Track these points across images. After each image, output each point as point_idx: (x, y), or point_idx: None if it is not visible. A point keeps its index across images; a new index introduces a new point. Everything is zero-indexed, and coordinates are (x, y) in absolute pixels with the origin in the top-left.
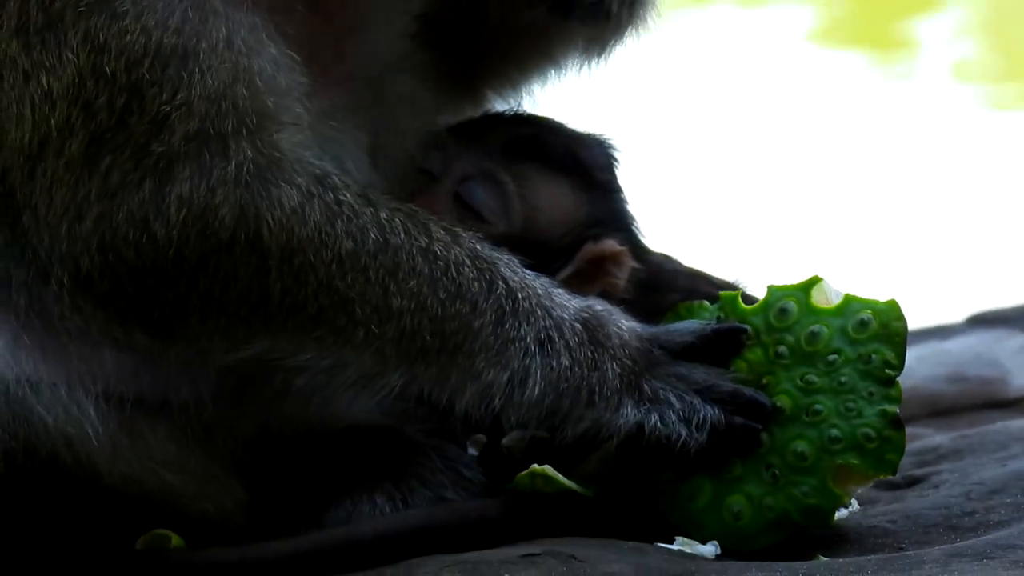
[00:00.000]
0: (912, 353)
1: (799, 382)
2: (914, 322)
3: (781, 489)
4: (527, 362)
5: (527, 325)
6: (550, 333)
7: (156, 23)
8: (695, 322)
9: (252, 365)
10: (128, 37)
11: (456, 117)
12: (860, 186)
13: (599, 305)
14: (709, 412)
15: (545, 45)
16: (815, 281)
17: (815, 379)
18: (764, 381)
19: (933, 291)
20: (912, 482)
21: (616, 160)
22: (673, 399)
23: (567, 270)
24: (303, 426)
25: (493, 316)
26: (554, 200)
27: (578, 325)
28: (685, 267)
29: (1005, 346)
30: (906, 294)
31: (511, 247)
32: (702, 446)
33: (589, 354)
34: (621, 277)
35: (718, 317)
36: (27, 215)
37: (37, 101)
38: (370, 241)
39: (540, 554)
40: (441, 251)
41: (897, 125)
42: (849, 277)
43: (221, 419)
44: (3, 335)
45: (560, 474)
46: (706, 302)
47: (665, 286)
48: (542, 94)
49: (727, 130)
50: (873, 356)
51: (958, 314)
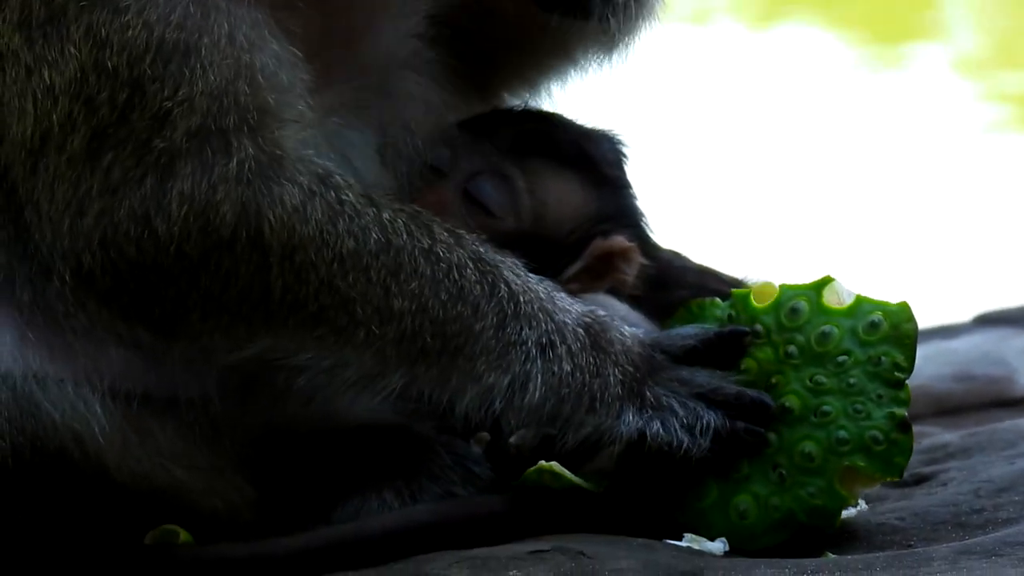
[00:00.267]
0: (919, 352)
1: (808, 382)
2: (920, 322)
3: (788, 489)
4: (528, 366)
5: (529, 329)
6: (552, 338)
7: (158, 18)
8: (698, 325)
9: (254, 364)
10: (130, 32)
11: (465, 114)
12: (868, 187)
13: (601, 311)
14: (712, 417)
15: (556, 45)
16: (827, 281)
17: (824, 380)
18: (773, 380)
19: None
20: (920, 480)
21: (625, 156)
22: (676, 405)
23: (576, 266)
24: (309, 424)
25: (495, 319)
26: (563, 196)
27: (580, 330)
28: (694, 264)
29: (1011, 345)
30: (913, 294)
31: (519, 243)
32: (705, 453)
33: (591, 360)
34: (630, 273)
35: (729, 315)
36: (29, 210)
37: (39, 96)
38: (372, 241)
39: (549, 550)
40: (444, 253)
41: (905, 126)
42: (856, 277)
43: (228, 416)
44: (9, 331)
45: (567, 470)
46: (717, 299)
47: (674, 283)
48: (554, 93)
49: (738, 129)
50: (883, 358)
51: (964, 314)
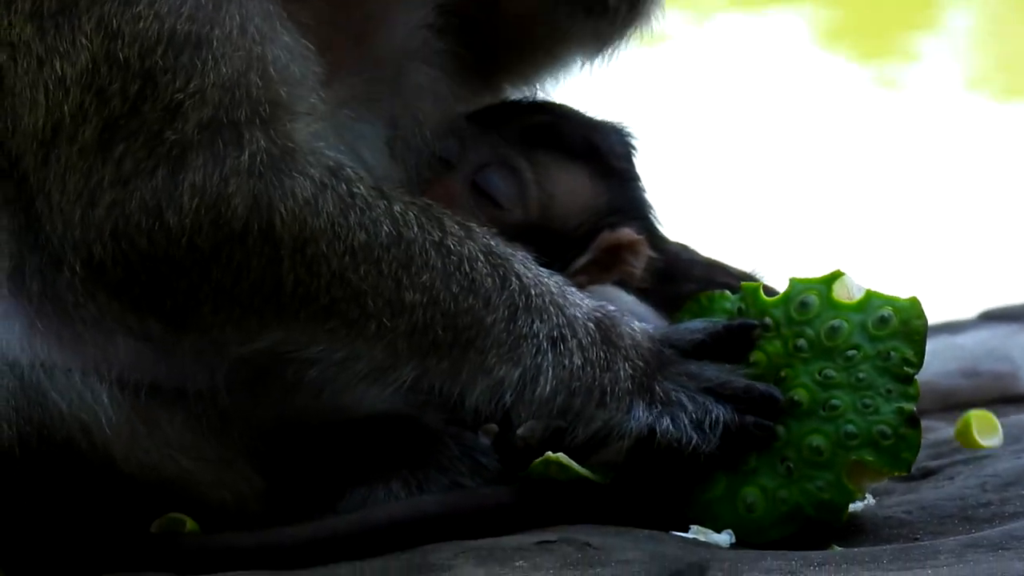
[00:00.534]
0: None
1: (817, 376)
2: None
3: (795, 483)
4: (539, 360)
5: (540, 322)
6: (563, 331)
7: (169, 10)
8: (706, 319)
9: (265, 356)
10: (142, 23)
11: (474, 105)
12: (876, 183)
13: (611, 305)
14: (721, 412)
15: (556, 39)
16: (837, 275)
17: (833, 374)
18: (782, 374)
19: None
20: (927, 474)
21: (634, 148)
22: (685, 400)
23: (584, 258)
24: (318, 415)
25: (506, 312)
26: (571, 188)
27: (591, 325)
28: (702, 256)
29: (1017, 341)
30: (918, 290)
31: (527, 235)
32: (714, 448)
33: (602, 354)
34: (638, 266)
35: (739, 308)
36: (40, 201)
37: (51, 86)
38: (383, 234)
39: (555, 541)
40: (455, 246)
41: (911, 123)
42: (863, 273)
43: (236, 407)
44: (18, 320)
45: (574, 462)
46: (727, 292)
47: (682, 275)
48: (560, 86)
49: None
50: (892, 353)
51: (969, 311)
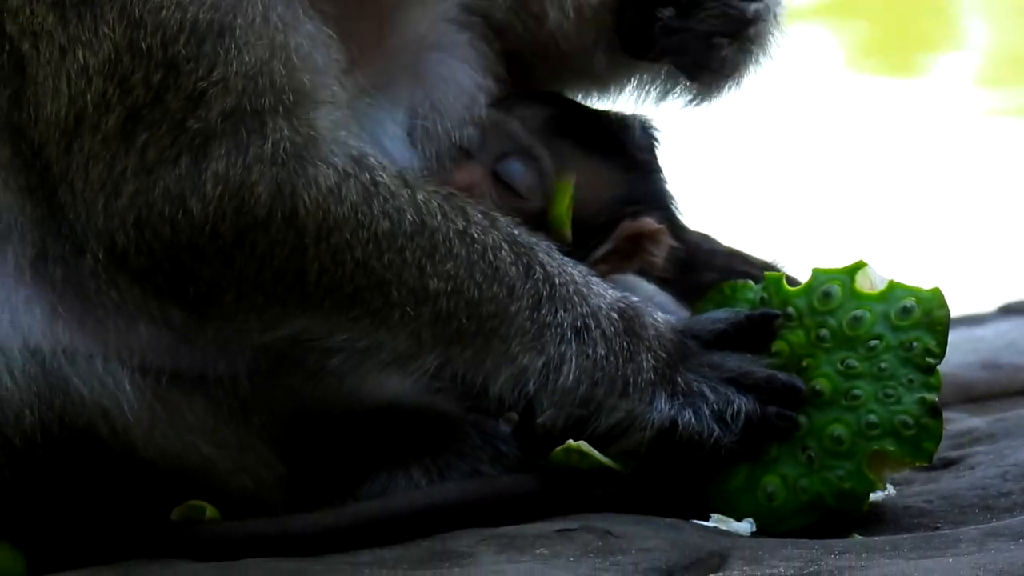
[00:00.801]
0: None
1: (839, 366)
2: None
3: (816, 472)
4: (563, 348)
5: (564, 311)
6: (587, 321)
7: None
8: (728, 309)
9: (287, 344)
10: (164, 12)
11: (495, 96)
12: (896, 177)
13: (634, 296)
14: (743, 403)
15: (593, 76)
16: (860, 266)
17: (855, 364)
18: (804, 364)
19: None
20: (948, 464)
21: (656, 140)
22: (707, 391)
23: (604, 247)
24: (339, 403)
25: (530, 301)
26: (592, 178)
27: (614, 315)
28: (723, 246)
29: None
30: (939, 284)
31: (548, 225)
32: (735, 440)
33: (625, 345)
34: (659, 255)
35: (762, 298)
36: (63, 190)
37: (73, 76)
38: (407, 222)
39: (576, 529)
40: (478, 234)
41: (932, 118)
42: (885, 267)
43: (257, 394)
44: (40, 307)
45: (595, 450)
46: (750, 282)
47: (702, 265)
48: None
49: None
50: (914, 343)
51: (989, 305)
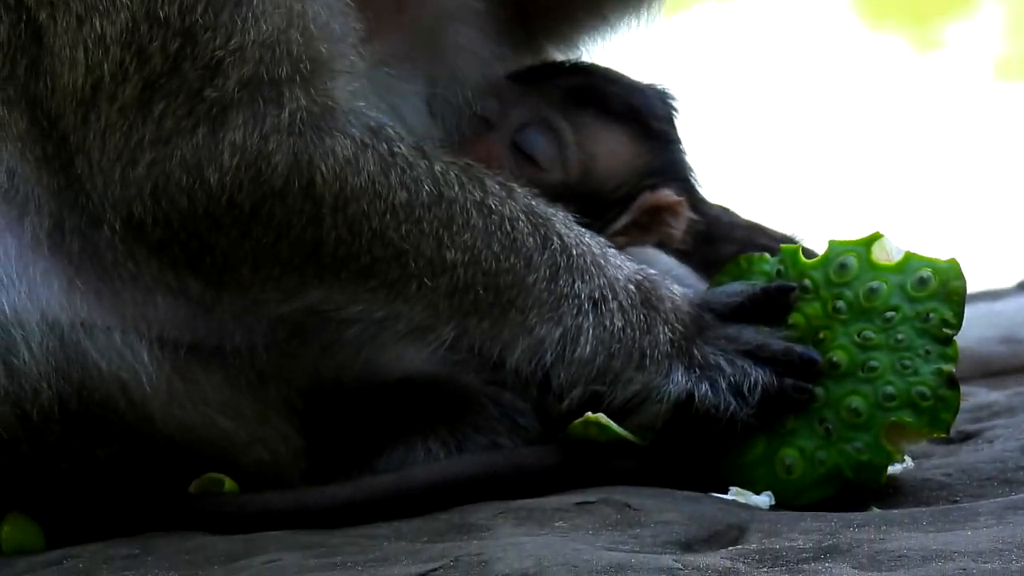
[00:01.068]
0: (964, 315)
1: (856, 338)
2: None
3: (834, 444)
4: (580, 320)
5: (581, 283)
6: (604, 292)
7: None
8: (744, 282)
9: (304, 316)
10: None
11: (515, 66)
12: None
13: (652, 269)
14: (760, 375)
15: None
16: (876, 237)
17: (872, 335)
18: (821, 336)
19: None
20: (967, 437)
21: (676, 111)
22: (724, 364)
23: (623, 219)
24: (357, 375)
25: (547, 272)
26: (612, 149)
27: (632, 287)
28: (742, 219)
29: None
30: (957, 259)
31: (566, 196)
32: (752, 413)
33: (642, 317)
34: (678, 227)
35: (778, 270)
36: (80, 160)
37: (90, 45)
38: (424, 193)
39: (595, 502)
40: (496, 205)
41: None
42: (902, 241)
43: (275, 366)
44: (58, 279)
45: (613, 422)
46: (766, 254)
47: (722, 237)
48: (603, 50)
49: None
50: (931, 314)
51: (1008, 280)
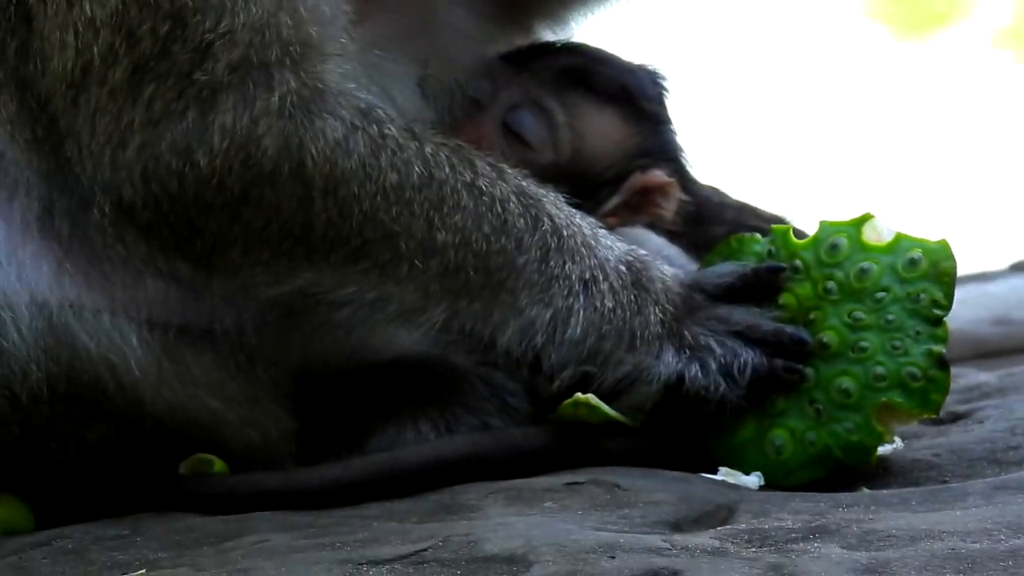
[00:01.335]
0: (956, 296)
1: (846, 318)
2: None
3: (824, 425)
4: (571, 301)
5: (572, 263)
6: (595, 273)
7: None
8: (735, 263)
9: (295, 298)
10: None
11: (506, 47)
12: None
13: (642, 249)
14: (750, 356)
15: None
16: (867, 218)
17: (862, 316)
18: (812, 316)
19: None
20: (957, 418)
21: (666, 91)
22: (714, 344)
23: (614, 200)
24: (347, 356)
25: (538, 253)
26: (602, 130)
27: (622, 267)
28: (733, 200)
29: None
30: (949, 241)
31: (557, 176)
32: (742, 394)
33: (632, 297)
34: (668, 208)
35: (769, 251)
36: (69, 143)
37: (80, 28)
38: (415, 175)
39: (584, 483)
40: (486, 186)
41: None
42: (894, 223)
43: (264, 348)
44: (47, 261)
45: (603, 403)
46: (757, 235)
47: (712, 218)
48: (593, 30)
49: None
50: (921, 295)
51: (1001, 262)
